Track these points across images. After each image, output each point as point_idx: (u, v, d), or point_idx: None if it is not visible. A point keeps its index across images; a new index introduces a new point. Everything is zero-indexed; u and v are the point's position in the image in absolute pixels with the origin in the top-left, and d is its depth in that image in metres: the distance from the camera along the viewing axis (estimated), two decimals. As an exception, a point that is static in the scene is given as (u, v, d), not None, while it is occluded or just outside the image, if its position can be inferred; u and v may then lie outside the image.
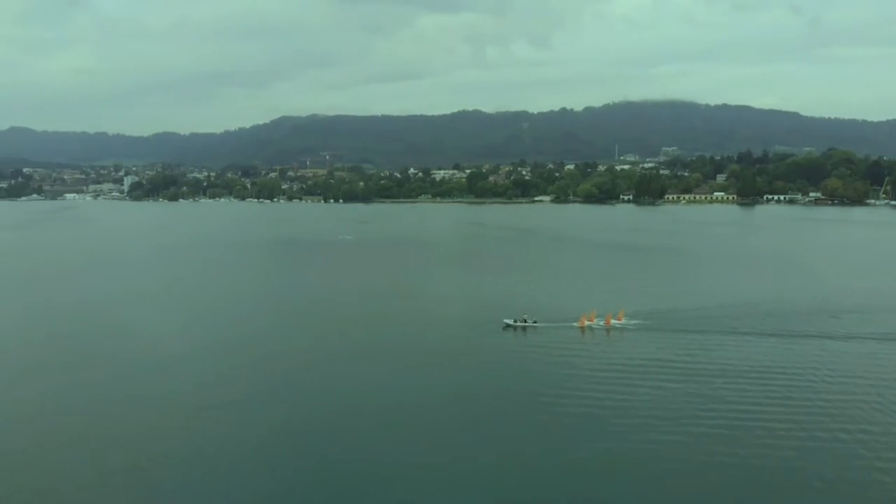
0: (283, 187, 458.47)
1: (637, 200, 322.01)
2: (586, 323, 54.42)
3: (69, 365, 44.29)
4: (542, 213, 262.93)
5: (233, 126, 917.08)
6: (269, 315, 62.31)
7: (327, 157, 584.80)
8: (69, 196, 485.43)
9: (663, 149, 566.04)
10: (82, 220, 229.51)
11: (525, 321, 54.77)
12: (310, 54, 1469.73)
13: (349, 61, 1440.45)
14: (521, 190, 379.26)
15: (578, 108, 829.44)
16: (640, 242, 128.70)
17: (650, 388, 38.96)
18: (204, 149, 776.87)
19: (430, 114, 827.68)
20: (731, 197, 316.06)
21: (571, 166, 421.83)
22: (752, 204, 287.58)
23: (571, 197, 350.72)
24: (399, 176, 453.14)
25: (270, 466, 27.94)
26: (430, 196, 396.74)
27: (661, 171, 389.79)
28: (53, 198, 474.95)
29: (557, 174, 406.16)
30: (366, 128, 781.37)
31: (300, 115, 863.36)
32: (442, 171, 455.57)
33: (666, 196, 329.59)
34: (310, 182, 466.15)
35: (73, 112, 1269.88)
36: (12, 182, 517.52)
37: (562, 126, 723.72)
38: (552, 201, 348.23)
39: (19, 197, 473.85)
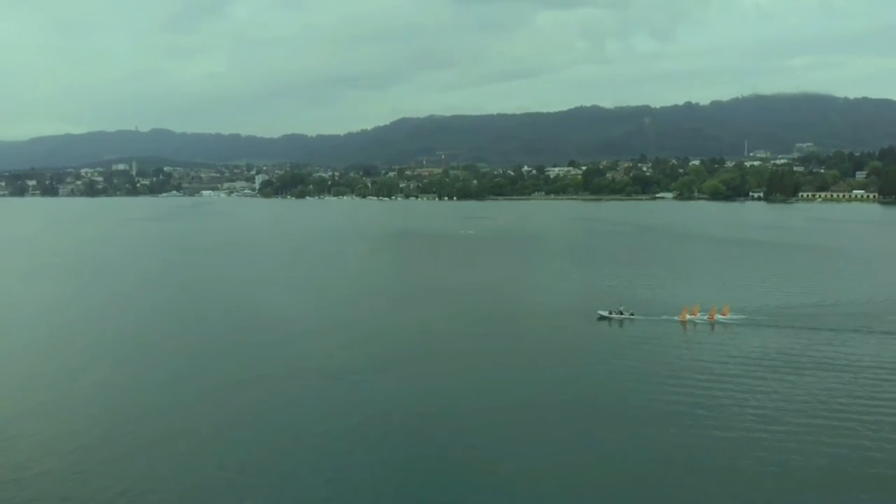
0: (400, 186, 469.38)
1: (768, 198, 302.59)
2: (688, 317, 50.72)
3: (223, 343, 46.38)
4: (663, 209, 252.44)
5: (355, 128, 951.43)
6: (387, 302, 62.69)
7: (443, 156, 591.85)
8: (205, 193, 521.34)
9: (797, 145, 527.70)
10: (218, 214, 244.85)
11: (621, 313, 51.87)
12: (428, 56, 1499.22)
13: (466, 62, 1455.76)
14: (642, 186, 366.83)
15: (704, 102, 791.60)
16: (766, 239, 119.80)
17: (749, 384, 35.54)
18: (329, 149, 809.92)
19: (545, 111, 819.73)
20: (871, 196, 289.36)
21: (696, 162, 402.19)
22: (895, 203, 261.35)
23: (696, 194, 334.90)
24: (513, 174, 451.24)
25: (383, 451, 27.58)
26: (543, 193, 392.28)
27: (795, 168, 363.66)
28: (191, 194, 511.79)
29: (681, 170, 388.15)
30: (481, 127, 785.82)
31: (418, 116, 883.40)
32: (557, 168, 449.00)
33: (800, 194, 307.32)
34: (425, 181, 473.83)
35: (209, 115, 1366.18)
36: (154, 180, 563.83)
37: (686, 121, 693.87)
38: (675, 198, 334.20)
39: (160, 193, 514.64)
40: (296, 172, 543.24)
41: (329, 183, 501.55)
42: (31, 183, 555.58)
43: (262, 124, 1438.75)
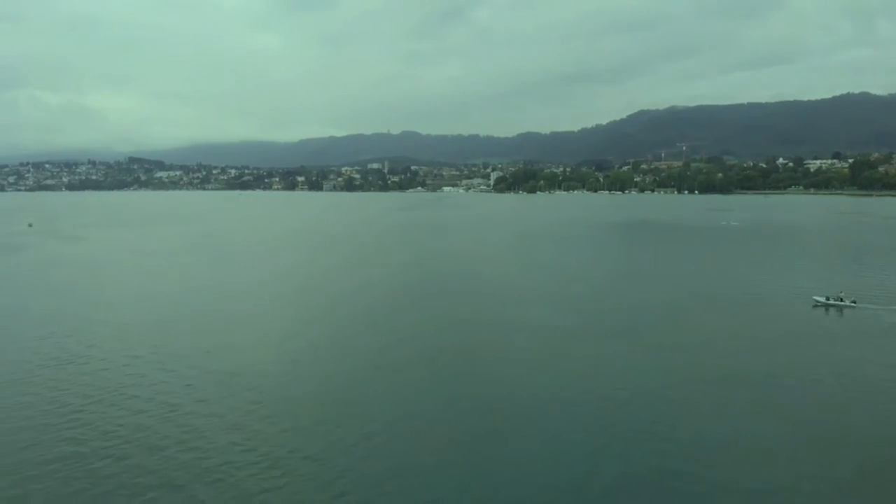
0: (635, 180, 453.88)
1: None
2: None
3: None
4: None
5: (589, 123, 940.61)
6: (629, 282, 61.67)
7: (684, 148, 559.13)
8: (446, 189, 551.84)
9: None
10: (455, 206, 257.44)
11: (841, 300, 44.92)
12: (670, 46, 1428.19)
13: (711, 50, 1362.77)
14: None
15: None
16: None
17: None
18: (562, 146, 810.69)
19: (804, 99, 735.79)
20: None
21: None
22: None
23: None
24: (765, 166, 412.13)
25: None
26: (800, 187, 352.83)
27: None
28: (433, 190, 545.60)
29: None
30: (728, 117, 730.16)
31: (657, 109, 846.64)
32: (818, 161, 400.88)
33: None
34: (663, 174, 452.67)
35: (451, 117, 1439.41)
36: (402, 177, 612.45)
37: None
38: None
39: (407, 189, 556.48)
40: (528, 168, 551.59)
41: (560, 178, 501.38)
42: (300, 179, 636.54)
43: (499, 124, 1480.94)
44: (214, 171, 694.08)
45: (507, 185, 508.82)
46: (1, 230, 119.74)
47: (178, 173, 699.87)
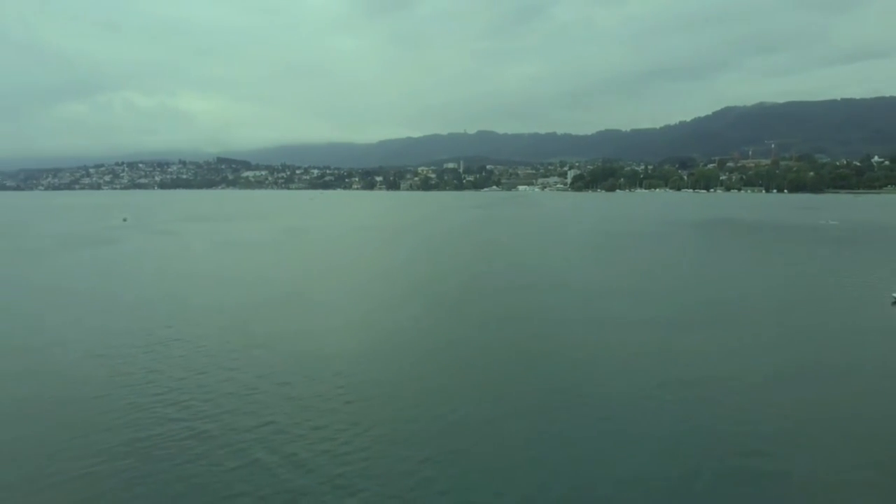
0: (720, 178, 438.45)
1: None
2: None
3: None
4: None
5: (672, 120, 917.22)
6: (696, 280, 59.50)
7: (772, 146, 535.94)
8: (521, 188, 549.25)
9: None
10: (530, 204, 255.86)
11: None
12: (758, 40, 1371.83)
13: (802, 44, 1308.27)
14: None
15: None
16: None
17: None
18: (643, 144, 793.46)
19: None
20: None
21: None
22: None
23: None
24: (859, 164, 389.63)
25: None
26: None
27: None
28: (508, 189, 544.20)
29: None
30: (820, 114, 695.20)
31: (744, 105, 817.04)
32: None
33: None
34: (750, 172, 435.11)
35: (527, 115, 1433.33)
36: (477, 176, 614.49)
37: None
38: None
39: (482, 188, 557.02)
40: (607, 166, 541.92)
41: (641, 176, 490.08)
42: (379, 179, 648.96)
43: (577, 122, 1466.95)
44: (298, 172, 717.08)
45: (584, 183, 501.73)
46: (98, 225, 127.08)
47: (263, 173, 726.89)
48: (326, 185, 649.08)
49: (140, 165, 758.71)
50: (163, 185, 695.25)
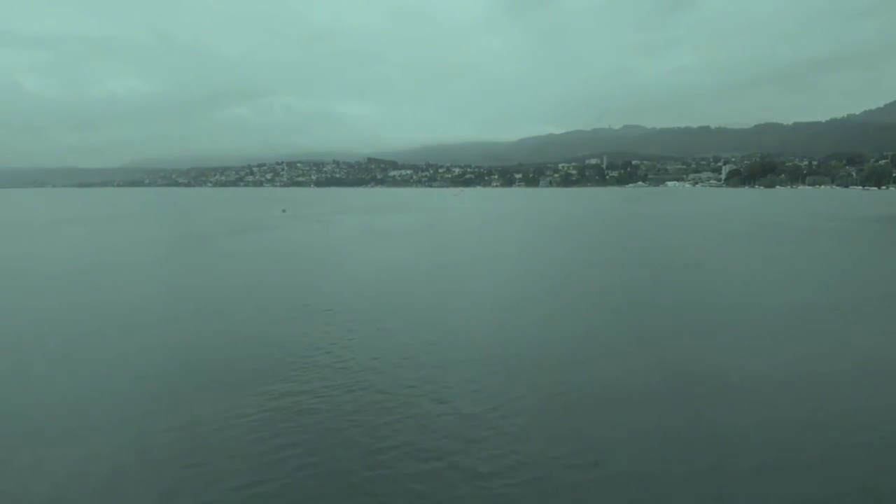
0: (894, 175, 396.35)
1: None
2: None
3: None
4: None
5: (839, 113, 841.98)
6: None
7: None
8: (669, 184, 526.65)
9: None
10: (678, 200, 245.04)
11: None
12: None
13: None
14: None
15: None
16: None
17: None
18: (806, 138, 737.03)
19: None
20: None
21: None
22: None
23: None
24: None
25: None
26: None
27: None
28: (655, 185, 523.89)
29: None
30: None
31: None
32: None
33: None
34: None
35: (677, 109, 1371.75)
36: (621, 172, 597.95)
37: None
38: None
39: (626, 184, 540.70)
40: (765, 161, 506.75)
41: (804, 171, 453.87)
42: (518, 176, 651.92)
43: (732, 115, 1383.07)
44: (440, 170, 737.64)
45: (740, 179, 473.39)
46: (261, 214, 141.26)
47: (408, 172, 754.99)
48: (467, 183, 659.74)
49: (298, 164, 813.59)
50: (318, 183, 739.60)
